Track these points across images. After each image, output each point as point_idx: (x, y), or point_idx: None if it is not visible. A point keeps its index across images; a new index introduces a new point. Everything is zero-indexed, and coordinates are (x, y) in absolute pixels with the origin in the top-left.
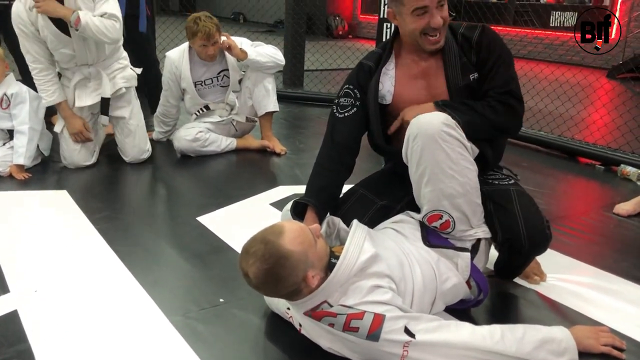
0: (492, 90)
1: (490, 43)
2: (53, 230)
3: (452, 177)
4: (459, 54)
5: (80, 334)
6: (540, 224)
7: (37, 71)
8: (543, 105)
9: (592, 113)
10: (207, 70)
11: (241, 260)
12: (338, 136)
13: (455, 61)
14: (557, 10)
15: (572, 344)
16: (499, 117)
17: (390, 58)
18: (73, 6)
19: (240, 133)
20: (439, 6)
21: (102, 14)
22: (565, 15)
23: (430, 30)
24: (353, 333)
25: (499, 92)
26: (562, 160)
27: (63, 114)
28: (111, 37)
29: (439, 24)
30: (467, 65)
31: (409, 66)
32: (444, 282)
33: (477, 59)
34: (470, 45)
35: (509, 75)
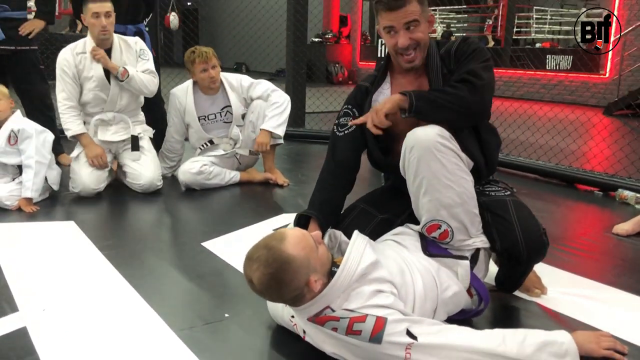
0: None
1: (463, 48)
2: (60, 255)
3: (449, 187)
4: (440, 67)
5: (88, 346)
6: (537, 230)
7: (66, 107)
8: (544, 141)
9: (592, 147)
10: (210, 105)
11: (245, 267)
12: (339, 153)
13: (437, 76)
14: (552, 54)
15: (574, 346)
16: (458, 91)
17: (385, 79)
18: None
19: (244, 166)
20: (407, 28)
21: (144, 70)
22: (560, 59)
23: (400, 49)
24: (356, 336)
25: (463, 73)
26: (561, 188)
27: (84, 142)
28: (150, 90)
29: (404, 45)
30: (447, 76)
31: (402, 85)
32: (445, 291)
33: (454, 66)
34: (449, 56)
35: (474, 66)
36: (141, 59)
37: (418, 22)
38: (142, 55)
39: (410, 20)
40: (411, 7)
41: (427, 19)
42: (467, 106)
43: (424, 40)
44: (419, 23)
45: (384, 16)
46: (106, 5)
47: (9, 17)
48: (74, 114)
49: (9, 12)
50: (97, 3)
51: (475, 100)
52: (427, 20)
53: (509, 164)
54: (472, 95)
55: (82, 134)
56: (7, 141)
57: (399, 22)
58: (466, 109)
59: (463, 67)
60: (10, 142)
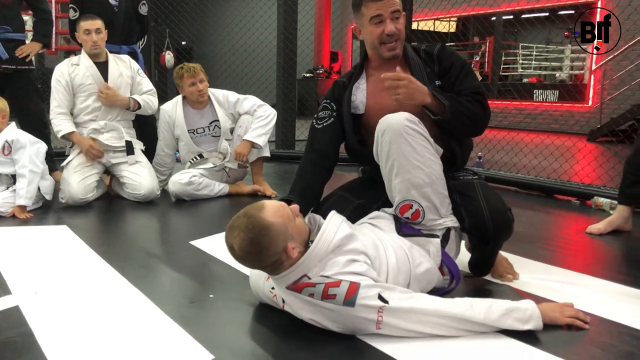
0: (465, 90)
1: (450, 55)
2: (52, 251)
3: (418, 168)
4: (423, 65)
5: (79, 321)
6: (501, 206)
7: (57, 112)
8: (527, 161)
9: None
10: (199, 119)
11: (227, 235)
12: (318, 144)
13: (421, 71)
14: (539, 89)
15: (537, 313)
16: (475, 108)
17: (362, 75)
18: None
19: (233, 180)
20: (394, 18)
21: (147, 90)
22: (548, 93)
23: (386, 38)
24: (331, 301)
25: (473, 92)
26: (541, 198)
27: (75, 139)
28: (154, 109)
29: (392, 30)
30: (431, 74)
31: (378, 80)
32: (417, 267)
33: (440, 68)
34: (432, 58)
35: (479, 84)
36: (140, 77)
37: (400, 13)
38: (140, 73)
39: (396, 9)
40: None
41: (404, 16)
42: (477, 124)
43: (403, 33)
44: (400, 14)
45: (371, 6)
46: (96, 23)
47: (10, 38)
48: (63, 117)
49: (10, 33)
50: (87, 21)
51: (483, 122)
52: (403, 17)
53: (489, 178)
54: (483, 116)
55: (72, 132)
56: (1, 151)
57: (387, 10)
58: (475, 125)
59: (464, 80)
60: (4, 152)
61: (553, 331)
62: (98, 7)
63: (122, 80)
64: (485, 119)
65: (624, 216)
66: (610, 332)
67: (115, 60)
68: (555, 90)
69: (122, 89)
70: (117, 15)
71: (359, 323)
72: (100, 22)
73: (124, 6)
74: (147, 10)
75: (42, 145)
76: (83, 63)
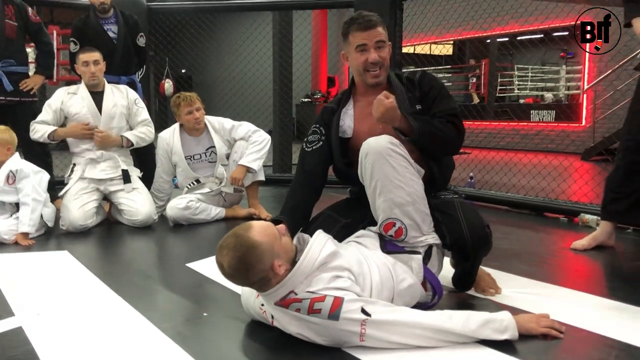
0: (440, 112)
1: (430, 80)
2: (53, 274)
3: (400, 187)
4: (405, 91)
5: (80, 340)
6: (479, 223)
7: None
8: (516, 180)
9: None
10: (196, 145)
11: (217, 254)
12: (307, 166)
13: (403, 97)
14: (536, 109)
15: (513, 323)
16: (447, 129)
17: (350, 100)
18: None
19: (229, 204)
20: (378, 47)
21: (142, 120)
22: (544, 113)
23: (370, 66)
24: (317, 315)
25: (447, 113)
26: (530, 216)
27: (61, 132)
28: (149, 140)
29: (375, 59)
30: (412, 99)
31: (365, 105)
32: (401, 282)
33: (420, 93)
34: (413, 84)
35: (454, 106)
36: (137, 106)
37: (384, 43)
38: (137, 103)
39: (380, 39)
40: (380, 29)
41: (388, 46)
42: (450, 144)
43: (387, 61)
44: (385, 44)
45: (357, 35)
46: (94, 55)
47: (14, 71)
48: (45, 127)
49: (14, 66)
50: (86, 53)
51: (457, 142)
52: (388, 47)
53: (480, 197)
54: (457, 137)
55: (55, 130)
56: (6, 181)
57: (371, 40)
58: (449, 145)
59: (441, 103)
60: (8, 182)
61: (529, 341)
62: (98, 39)
63: (117, 109)
64: (458, 139)
65: (607, 232)
66: (585, 341)
67: (112, 90)
68: (552, 111)
69: (116, 118)
70: (116, 47)
71: (343, 336)
72: (98, 54)
73: (122, 38)
74: (145, 42)
75: (45, 175)
76: (80, 93)
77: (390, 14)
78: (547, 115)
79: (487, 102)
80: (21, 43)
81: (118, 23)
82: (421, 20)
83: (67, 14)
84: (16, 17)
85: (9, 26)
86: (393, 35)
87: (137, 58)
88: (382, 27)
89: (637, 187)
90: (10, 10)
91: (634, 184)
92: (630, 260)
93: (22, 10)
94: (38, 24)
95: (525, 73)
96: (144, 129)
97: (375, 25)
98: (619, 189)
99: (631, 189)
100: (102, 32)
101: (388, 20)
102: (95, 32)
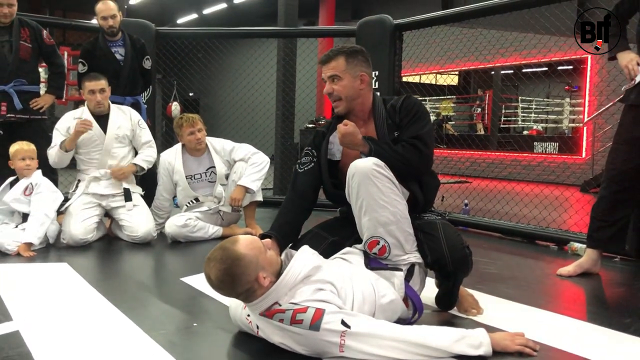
0: (407, 136)
1: (407, 105)
2: (52, 284)
3: (384, 207)
4: (386, 118)
5: (74, 344)
6: (459, 243)
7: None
8: (509, 208)
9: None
10: (197, 165)
11: (205, 267)
12: (299, 185)
13: (383, 124)
14: (540, 141)
15: (487, 340)
16: (407, 153)
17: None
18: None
19: (227, 222)
20: (331, 80)
21: (145, 142)
22: (547, 145)
23: (328, 95)
24: (298, 325)
25: (411, 136)
26: (522, 244)
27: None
28: (153, 161)
29: (328, 91)
30: (391, 126)
31: None
32: (382, 297)
33: (399, 120)
34: (395, 110)
35: (420, 127)
36: (140, 128)
37: (339, 77)
38: (140, 124)
39: (332, 74)
40: (335, 63)
41: (354, 76)
42: (412, 167)
43: (343, 93)
44: (341, 78)
45: (321, 69)
46: (100, 83)
47: (25, 90)
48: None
49: (25, 85)
50: (92, 81)
51: (420, 165)
52: (354, 77)
53: (473, 224)
54: (419, 160)
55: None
56: (24, 191)
57: (326, 74)
58: (411, 168)
59: (411, 127)
60: (25, 193)
61: (503, 357)
62: (105, 61)
63: (120, 132)
64: (421, 162)
65: (592, 259)
66: (556, 359)
67: (117, 113)
68: (556, 143)
69: (119, 140)
70: (123, 69)
71: (323, 346)
72: (104, 82)
73: (129, 60)
74: (151, 65)
75: (60, 196)
76: (85, 116)
77: (390, 43)
78: (551, 148)
79: (491, 132)
80: (34, 64)
81: (125, 46)
82: (426, 50)
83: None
84: (31, 40)
85: (24, 48)
86: (392, 64)
87: (143, 80)
88: (341, 60)
89: (621, 216)
90: (25, 32)
91: (617, 213)
92: (613, 287)
93: (37, 33)
94: (52, 46)
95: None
96: (148, 151)
97: (328, 61)
98: (604, 217)
99: (615, 218)
100: (110, 54)
101: (387, 49)
102: (103, 53)
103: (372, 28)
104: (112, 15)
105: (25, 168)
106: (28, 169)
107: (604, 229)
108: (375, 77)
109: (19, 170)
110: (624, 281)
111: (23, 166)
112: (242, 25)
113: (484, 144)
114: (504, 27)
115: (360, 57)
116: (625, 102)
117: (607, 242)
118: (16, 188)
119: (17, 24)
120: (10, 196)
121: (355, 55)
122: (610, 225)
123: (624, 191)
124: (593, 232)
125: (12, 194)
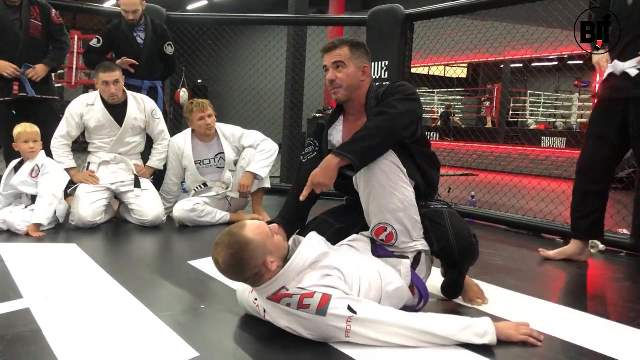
0: None
1: (393, 88)
2: (61, 265)
3: (392, 194)
4: (374, 107)
5: (83, 322)
6: (466, 232)
7: (61, 144)
8: (515, 201)
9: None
10: (206, 151)
11: (213, 251)
12: (303, 174)
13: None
14: (548, 136)
15: (492, 329)
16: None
17: (340, 117)
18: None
19: (234, 208)
20: (335, 67)
21: (159, 132)
22: (555, 140)
23: (329, 84)
24: (305, 310)
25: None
26: (528, 237)
27: (73, 173)
28: (166, 154)
29: (331, 78)
30: None
31: (352, 122)
32: (388, 285)
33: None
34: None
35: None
36: (154, 119)
37: (344, 64)
38: (154, 115)
39: (337, 60)
40: (340, 51)
41: (358, 67)
42: (385, 132)
43: (346, 82)
44: (345, 65)
45: (323, 57)
46: (114, 75)
47: None
48: (66, 150)
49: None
50: (106, 73)
51: (390, 127)
52: (358, 67)
53: (479, 215)
54: (386, 122)
55: (73, 168)
56: (30, 173)
57: (330, 62)
58: (386, 134)
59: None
60: (32, 175)
61: (508, 347)
62: (126, 43)
63: (136, 122)
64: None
65: (578, 247)
66: (560, 349)
67: (133, 105)
68: (564, 138)
69: (134, 130)
70: (142, 52)
71: (329, 331)
72: (118, 74)
73: (148, 45)
74: (173, 51)
75: (66, 176)
76: (98, 105)
77: (401, 33)
78: (559, 142)
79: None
80: (44, 42)
81: (147, 31)
82: (437, 42)
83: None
84: (41, 18)
85: (34, 26)
86: (402, 55)
87: (165, 65)
88: (345, 49)
89: (594, 208)
90: (35, 10)
91: (590, 205)
92: (617, 281)
93: (47, 11)
94: (60, 25)
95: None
96: (161, 146)
97: (334, 48)
98: (578, 208)
99: (588, 210)
100: (132, 38)
101: (398, 39)
102: (125, 37)
103: (383, 17)
104: (134, 11)
105: (29, 151)
106: (32, 151)
107: (583, 219)
108: (385, 67)
109: (23, 153)
110: (628, 276)
111: (27, 149)
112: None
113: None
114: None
115: (362, 50)
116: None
117: (585, 232)
118: (22, 171)
119: (27, 2)
120: (17, 179)
121: (358, 47)
122: (585, 217)
123: (593, 183)
124: (573, 222)
125: (19, 177)
